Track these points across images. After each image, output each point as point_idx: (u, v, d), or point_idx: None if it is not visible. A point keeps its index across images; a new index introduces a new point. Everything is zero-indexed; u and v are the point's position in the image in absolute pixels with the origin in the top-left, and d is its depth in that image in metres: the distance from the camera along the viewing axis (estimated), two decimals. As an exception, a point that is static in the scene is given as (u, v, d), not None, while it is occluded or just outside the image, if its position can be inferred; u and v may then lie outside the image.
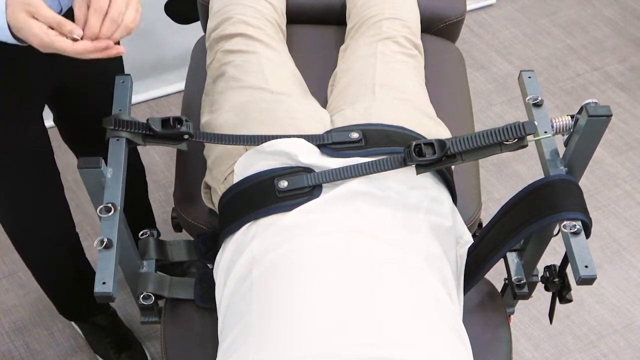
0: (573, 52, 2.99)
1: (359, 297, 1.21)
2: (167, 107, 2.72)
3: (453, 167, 1.53)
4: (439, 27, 1.96)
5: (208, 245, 1.56)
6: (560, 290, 1.51)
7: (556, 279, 1.50)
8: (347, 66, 1.71)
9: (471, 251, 1.46)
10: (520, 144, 1.34)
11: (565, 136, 1.44)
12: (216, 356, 1.28)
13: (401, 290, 1.24)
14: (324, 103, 1.68)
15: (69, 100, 1.73)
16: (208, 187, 1.58)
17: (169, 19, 2.55)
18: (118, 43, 1.29)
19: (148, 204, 2.17)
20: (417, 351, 1.16)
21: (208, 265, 1.55)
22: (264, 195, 1.39)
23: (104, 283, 1.28)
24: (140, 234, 1.58)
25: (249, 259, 1.32)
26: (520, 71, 1.57)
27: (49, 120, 1.76)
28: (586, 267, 1.30)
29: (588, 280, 1.30)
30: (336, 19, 1.95)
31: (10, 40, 1.21)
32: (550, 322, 1.58)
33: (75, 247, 1.94)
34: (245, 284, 1.29)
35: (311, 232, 1.31)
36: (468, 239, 1.49)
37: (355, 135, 1.45)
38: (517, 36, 3.05)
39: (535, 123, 1.42)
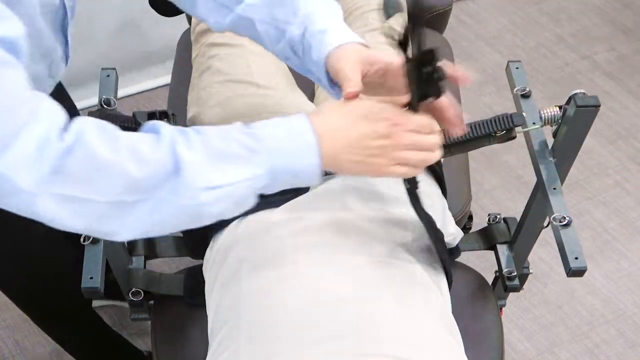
0: (562, 41, 2.99)
1: (348, 293, 1.20)
2: (154, 101, 2.70)
3: (442, 159, 1.52)
4: (426, 18, 1.95)
5: (197, 241, 1.55)
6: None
7: None
8: (334, 59, 1.70)
9: None
10: (509, 135, 1.34)
11: (554, 127, 1.44)
12: (206, 353, 1.28)
13: (391, 284, 1.24)
14: (310, 96, 1.67)
15: None
16: (195, 182, 1.56)
17: (153, 11, 2.54)
18: None
19: None
20: (408, 346, 1.15)
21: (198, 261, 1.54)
22: (252, 191, 1.38)
23: (91, 278, 1.27)
24: (128, 229, 1.57)
25: (238, 257, 1.31)
26: (508, 62, 1.56)
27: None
28: (576, 258, 1.30)
29: (578, 272, 1.29)
30: (323, 11, 1.93)
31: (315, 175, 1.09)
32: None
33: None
34: (234, 282, 1.29)
35: (300, 228, 1.31)
36: (456, 233, 1.49)
37: (342, 130, 1.44)
38: (505, 25, 3.04)
39: (524, 114, 1.42)
